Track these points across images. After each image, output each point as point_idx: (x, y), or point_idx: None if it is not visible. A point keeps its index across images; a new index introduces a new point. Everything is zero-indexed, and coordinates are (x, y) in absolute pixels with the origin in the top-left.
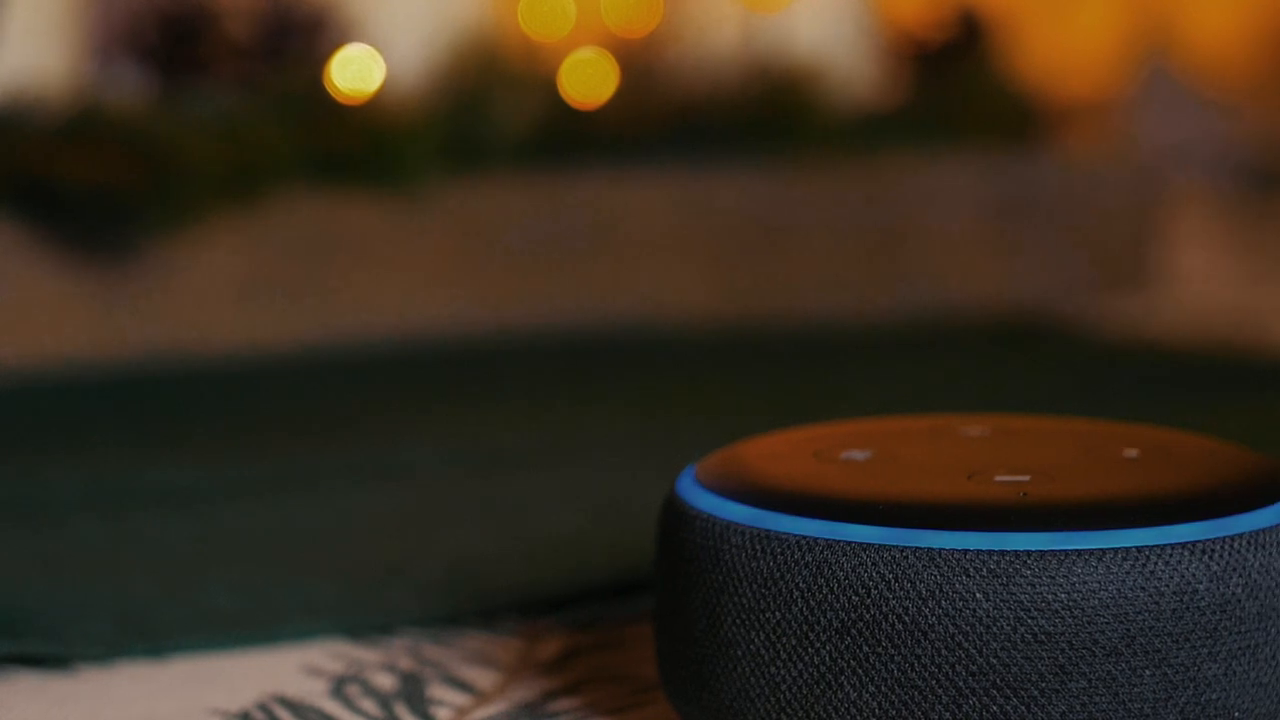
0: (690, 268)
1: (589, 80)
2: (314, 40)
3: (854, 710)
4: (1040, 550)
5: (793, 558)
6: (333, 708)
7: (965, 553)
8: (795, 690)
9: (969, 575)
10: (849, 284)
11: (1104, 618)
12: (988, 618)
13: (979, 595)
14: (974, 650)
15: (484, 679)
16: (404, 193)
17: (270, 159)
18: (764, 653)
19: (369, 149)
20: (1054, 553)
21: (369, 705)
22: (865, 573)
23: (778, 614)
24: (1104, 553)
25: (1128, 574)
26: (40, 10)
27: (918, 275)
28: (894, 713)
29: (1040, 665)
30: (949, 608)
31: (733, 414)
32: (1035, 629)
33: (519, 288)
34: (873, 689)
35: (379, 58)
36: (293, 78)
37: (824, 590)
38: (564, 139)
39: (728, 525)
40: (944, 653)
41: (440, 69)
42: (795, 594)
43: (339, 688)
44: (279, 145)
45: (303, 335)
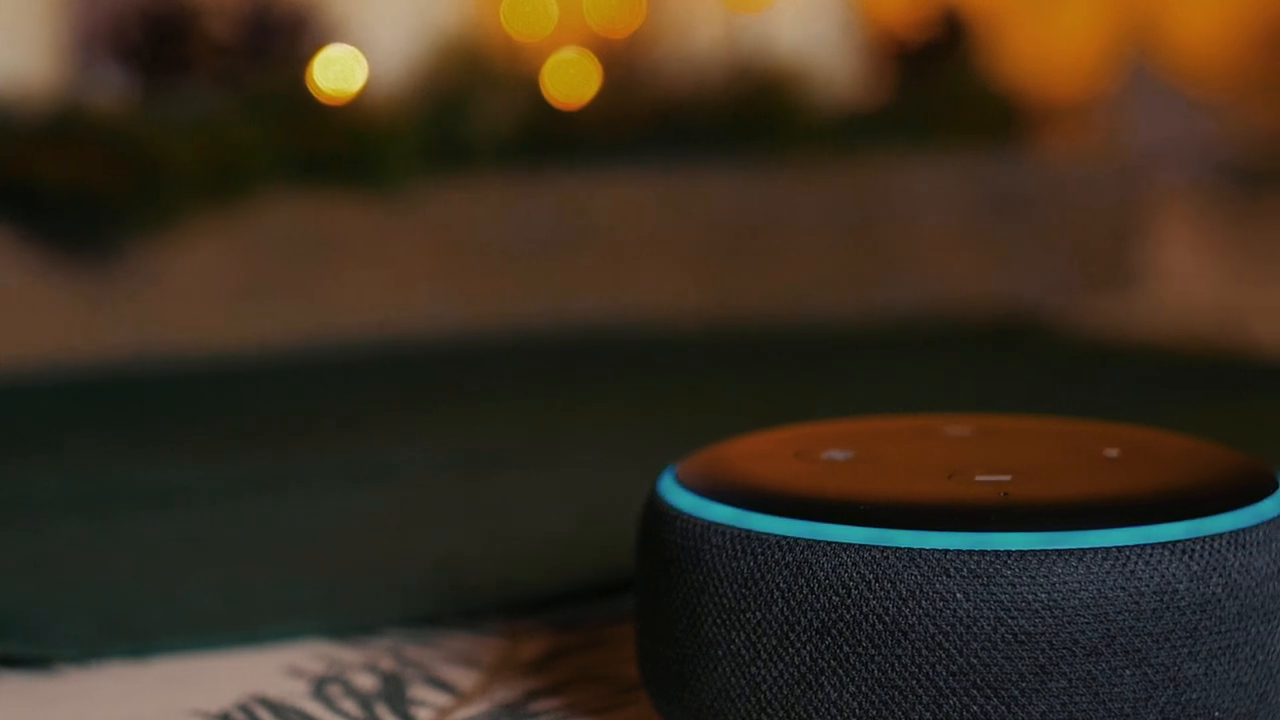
0: (673, 268)
1: (572, 80)
2: (296, 40)
3: (834, 710)
4: (1020, 550)
5: (773, 558)
6: (313, 708)
7: (946, 553)
8: (776, 690)
9: (949, 575)
10: (832, 284)
11: (1084, 618)
12: (968, 618)
13: (959, 595)
14: (954, 650)
15: (466, 679)
16: (387, 193)
17: (252, 159)
18: (745, 653)
19: (352, 149)
20: (1034, 553)
21: (350, 706)
22: (846, 573)
23: (758, 614)
24: (1084, 553)
25: (1108, 574)
26: (21, 10)
27: (901, 275)
28: (874, 713)
29: (1021, 665)
30: (929, 608)
31: (716, 414)
32: (1016, 629)
33: (502, 288)
34: (853, 689)
35: (361, 58)
36: (275, 78)
37: (804, 590)
38: (546, 139)
39: (708, 525)
40: (924, 653)
41: (423, 69)
42: (776, 594)
43: (320, 688)
44: (261, 145)
45: (285, 336)
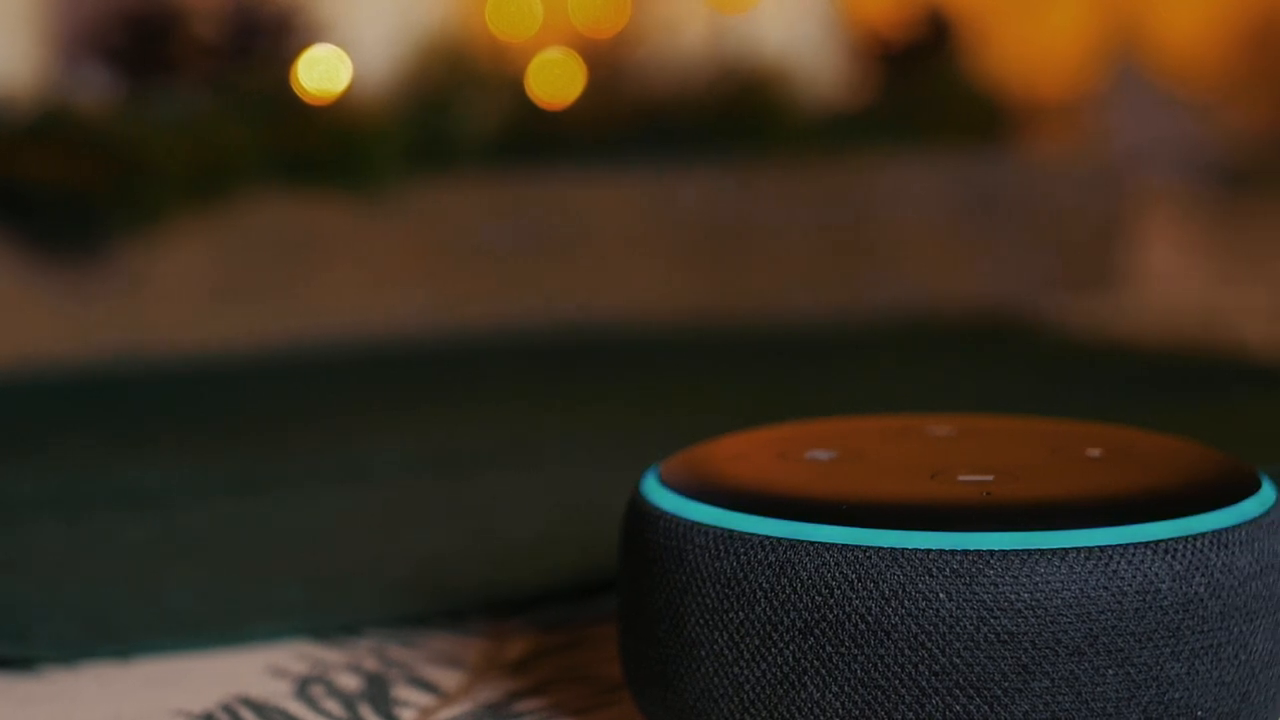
0: (658, 268)
1: (556, 80)
2: (281, 41)
3: (817, 710)
4: (1003, 550)
5: (756, 558)
6: (297, 709)
7: (928, 552)
8: (759, 690)
9: (932, 575)
10: (816, 284)
11: (1067, 617)
12: (951, 617)
13: (942, 595)
14: (937, 650)
15: (449, 679)
16: (371, 193)
17: (237, 159)
18: (727, 653)
19: (336, 149)
20: (1017, 552)
21: (333, 706)
22: (828, 573)
23: (741, 614)
24: (1067, 552)
25: (1091, 573)
26: (6, 11)
27: (885, 275)
28: (857, 712)
29: (1003, 665)
30: (912, 608)
31: (700, 414)
32: (998, 628)
33: (486, 288)
34: (836, 689)
35: (346, 58)
36: (259, 78)
37: (787, 590)
38: (531, 139)
39: (691, 525)
40: (907, 653)
41: (407, 69)
42: (759, 594)
43: (303, 688)
44: (246, 146)
45: (269, 336)
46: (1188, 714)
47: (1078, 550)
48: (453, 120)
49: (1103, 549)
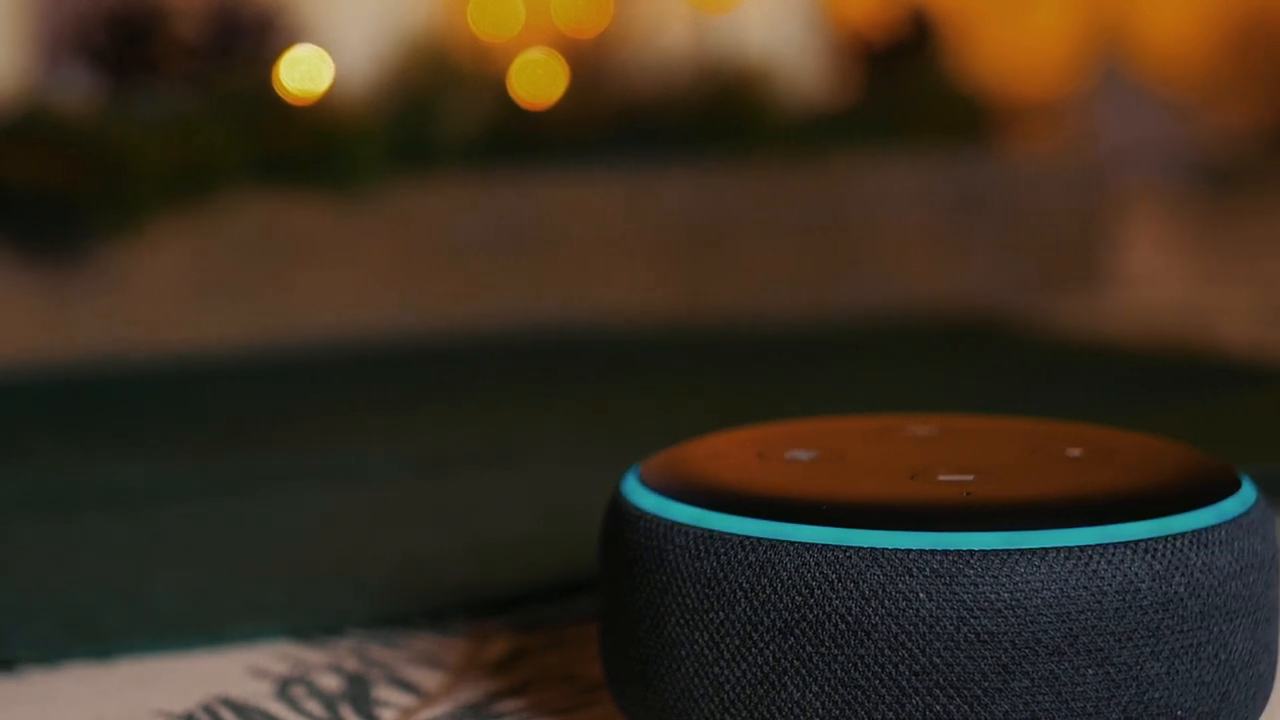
0: (640, 268)
1: (539, 80)
2: (263, 41)
3: (798, 710)
4: (983, 550)
5: (736, 558)
6: (277, 709)
7: (908, 552)
8: (739, 690)
9: (912, 575)
10: (799, 284)
11: (1047, 617)
12: (931, 617)
13: (922, 595)
14: (917, 650)
15: (430, 680)
16: (353, 193)
17: (219, 159)
18: (708, 653)
19: (318, 149)
20: (997, 552)
21: (314, 707)
22: (808, 573)
23: (721, 614)
24: (1047, 552)
25: (1070, 573)
26: None
27: (867, 275)
28: (837, 712)
29: (983, 664)
30: (892, 607)
31: (682, 414)
32: (978, 628)
33: (467, 288)
34: (816, 689)
35: (328, 58)
36: (241, 78)
37: (767, 590)
38: (513, 139)
39: (671, 525)
40: (887, 652)
41: (389, 69)
42: (739, 594)
43: (284, 689)
44: (228, 146)
45: (251, 336)
46: (1167, 713)
47: (1058, 550)
48: (435, 120)
49: (1082, 549)
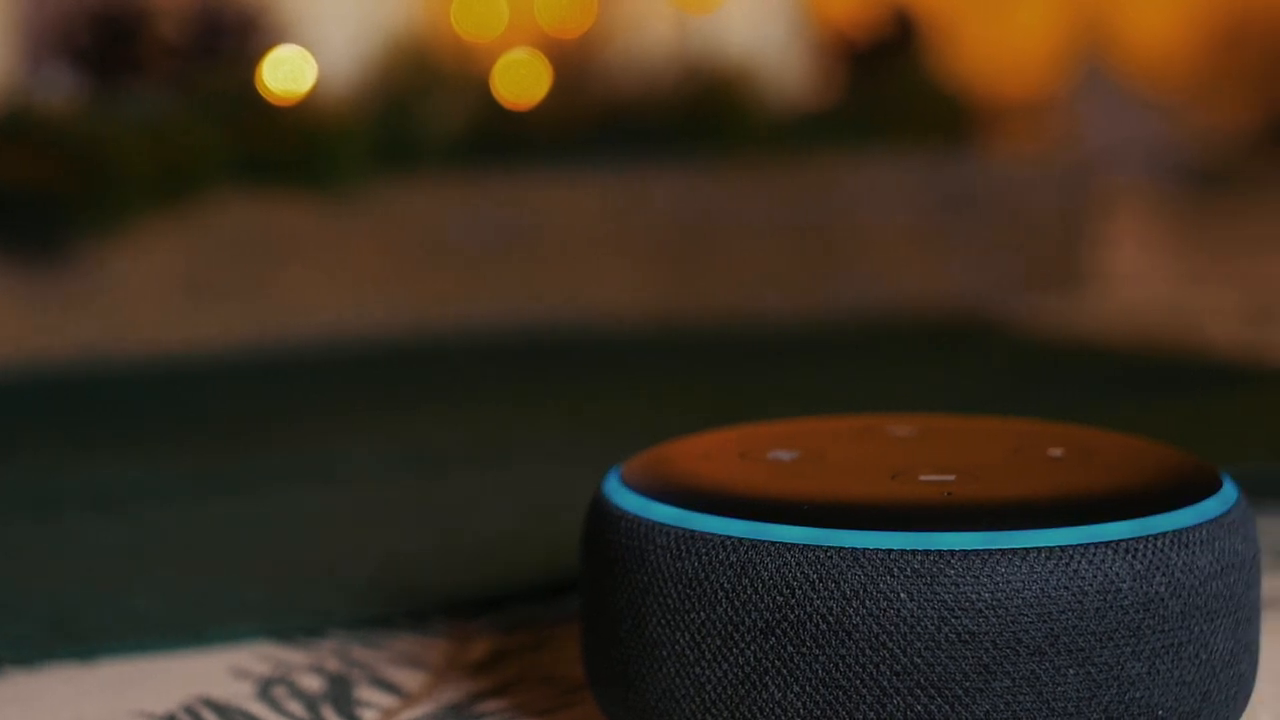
0: (623, 268)
1: (522, 81)
2: (246, 41)
3: (779, 710)
4: (964, 550)
5: (717, 558)
6: (259, 710)
7: (889, 553)
8: (720, 690)
9: (893, 575)
10: (782, 284)
11: (1028, 617)
12: (912, 617)
13: (903, 595)
14: (898, 650)
15: (412, 680)
16: (336, 193)
17: (202, 160)
18: (689, 653)
19: (301, 149)
20: (978, 552)
21: (295, 707)
22: (789, 573)
23: (702, 614)
24: (1028, 552)
25: (1051, 573)
26: None
27: (851, 275)
28: (819, 712)
29: (964, 664)
30: (873, 607)
31: (666, 414)
32: (959, 628)
33: (451, 288)
34: (797, 689)
35: (311, 58)
36: (225, 79)
37: (748, 590)
38: (497, 139)
39: (652, 525)
40: (868, 652)
41: (372, 69)
42: (720, 594)
43: (266, 690)
44: (211, 146)
45: (235, 336)
46: (1149, 713)
47: (1039, 550)
48: (418, 120)
49: (1063, 549)
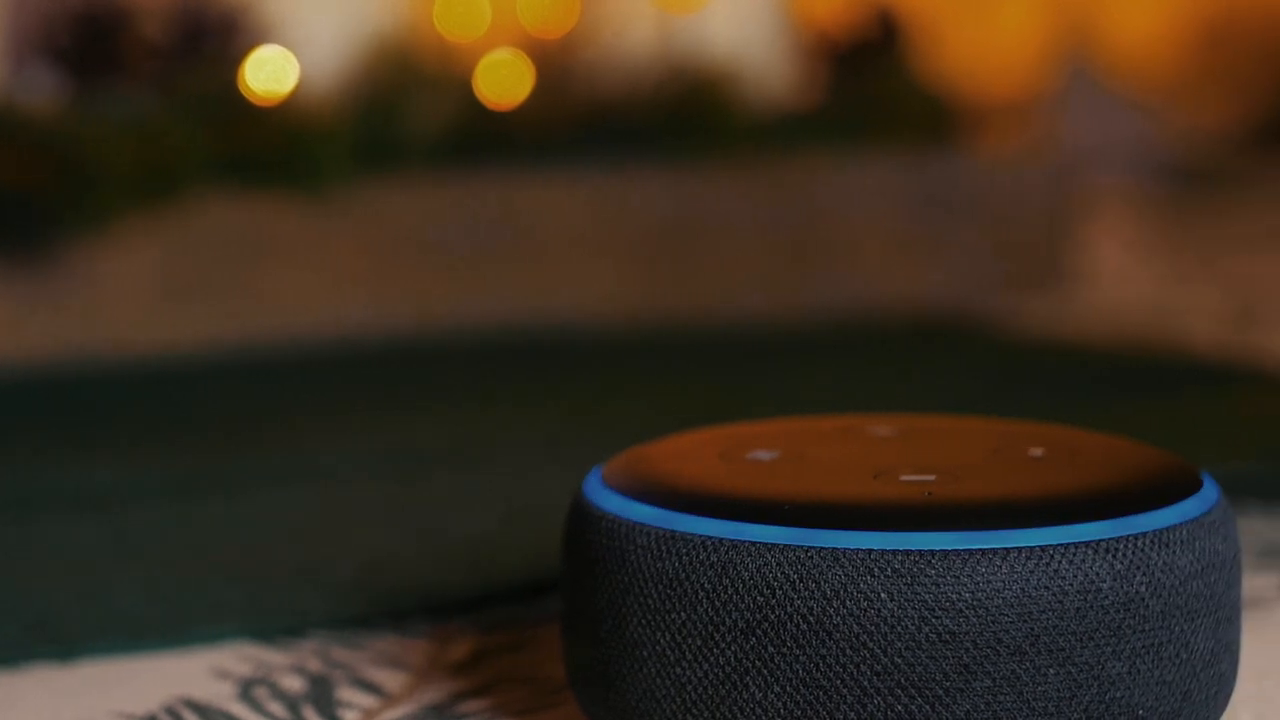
0: (606, 268)
1: (505, 81)
2: (228, 41)
3: (759, 710)
4: (945, 550)
5: (697, 558)
6: (240, 710)
7: (870, 552)
8: (701, 690)
9: (874, 575)
10: (764, 284)
11: (1008, 617)
12: (892, 617)
13: (884, 595)
14: (879, 650)
15: (393, 681)
16: (319, 194)
17: (185, 160)
18: (669, 653)
19: (284, 150)
20: (958, 552)
21: (276, 708)
22: (770, 573)
23: (683, 614)
24: (1008, 552)
25: (1032, 573)
26: None
27: (834, 275)
28: (799, 713)
29: (945, 664)
30: (854, 608)
31: (648, 415)
32: (940, 628)
33: (433, 289)
34: (778, 689)
35: (293, 59)
36: (207, 79)
37: (729, 590)
38: (479, 140)
39: (632, 526)
40: (849, 653)
41: (355, 70)
42: (700, 594)
43: (247, 690)
44: (193, 146)
45: (217, 337)
46: (1129, 713)
47: (1019, 550)
48: (400, 121)
49: (1044, 548)
